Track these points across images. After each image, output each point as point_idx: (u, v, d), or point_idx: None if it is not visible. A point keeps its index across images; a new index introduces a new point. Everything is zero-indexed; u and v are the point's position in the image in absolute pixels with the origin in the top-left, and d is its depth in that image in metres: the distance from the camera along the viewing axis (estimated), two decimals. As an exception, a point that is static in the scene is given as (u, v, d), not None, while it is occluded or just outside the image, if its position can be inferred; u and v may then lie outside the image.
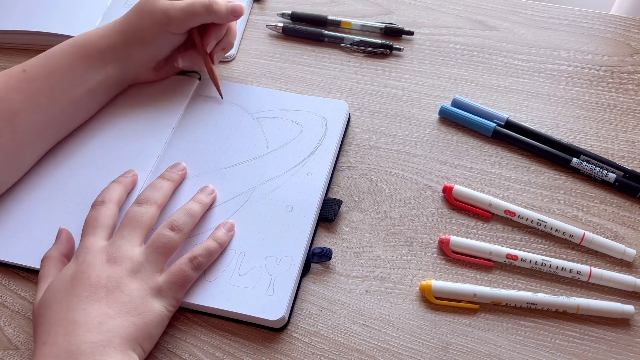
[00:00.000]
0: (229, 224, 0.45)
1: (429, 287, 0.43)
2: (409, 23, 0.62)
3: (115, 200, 0.45)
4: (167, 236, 0.42)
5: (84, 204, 0.47)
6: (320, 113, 0.53)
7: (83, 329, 0.37)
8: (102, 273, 0.39)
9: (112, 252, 0.41)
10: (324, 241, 0.47)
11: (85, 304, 0.38)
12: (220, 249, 0.44)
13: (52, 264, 0.43)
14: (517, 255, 0.45)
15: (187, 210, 0.44)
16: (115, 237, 0.42)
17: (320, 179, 0.48)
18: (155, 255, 0.41)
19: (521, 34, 0.61)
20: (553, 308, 0.43)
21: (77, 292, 0.38)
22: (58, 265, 0.43)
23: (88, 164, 0.50)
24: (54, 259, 0.43)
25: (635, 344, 0.42)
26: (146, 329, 0.39)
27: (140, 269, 0.40)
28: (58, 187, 0.49)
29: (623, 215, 0.48)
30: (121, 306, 0.38)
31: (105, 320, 0.37)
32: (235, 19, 0.51)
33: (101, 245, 0.41)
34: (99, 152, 0.51)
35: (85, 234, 0.43)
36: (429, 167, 0.51)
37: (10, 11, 0.63)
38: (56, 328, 0.37)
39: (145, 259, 0.41)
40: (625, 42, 0.60)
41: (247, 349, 0.42)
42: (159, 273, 0.41)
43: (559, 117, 0.54)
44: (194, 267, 0.42)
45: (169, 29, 0.50)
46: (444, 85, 0.57)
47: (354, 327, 0.43)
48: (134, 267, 0.40)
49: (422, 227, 0.47)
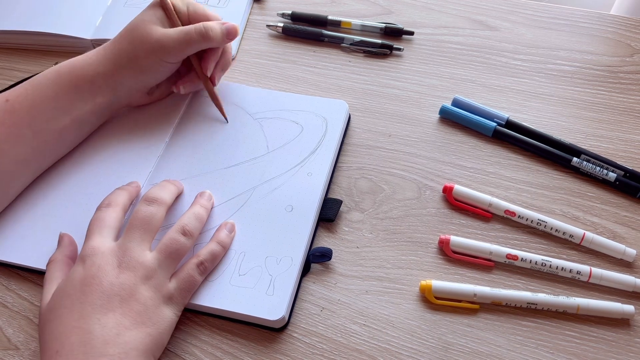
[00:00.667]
0: (229, 225, 0.45)
1: (429, 287, 0.43)
2: (409, 23, 0.62)
3: (121, 205, 0.44)
4: (180, 242, 0.41)
5: (85, 203, 0.48)
6: (320, 113, 0.53)
7: (100, 340, 0.36)
8: (115, 280, 0.38)
9: (123, 256, 0.40)
10: (324, 241, 0.47)
11: (99, 314, 0.37)
12: (223, 251, 0.44)
13: (58, 266, 0.42)
14: (517, 255, 0.45)
15: (195, 214, 0.44)
16: (124, 238, 0.41)
17: (320, 179, 0.48)
18: (168, 262, 0.41)
19: (521, 34, 0.61)
20: (553, 308, 0.43)
21: (89, 299, 0.38)
22: (64, 267, 0.42)
23: (88, 164, 0.50)
24: (60, 262, 0.42)
25: (635, 344, 0.41)
26: (159, 339, 0.39)
27: (153, 275, 0.40)
28: (60, 187, 0.49)
29: (623, 215, 0.48)
30: (136, 316, 0.38)
31: (122, 332, 0.37)
32: (230, 41, 0.50)
33: (110, 247, 0.40)
34: (100, 152, 0.51)
35: (91, 234, 0.42)
36: (429, 167, 0.51)
37: (10, 11, 0.63)
38: (70, 337, 0.36)
39: (158, 265, 0.40)
40: (625, 42, 0.60)
41: (247, 349, 0.42)
42: (169, 279, 0.41)
43: (559, 117, 0.54)
44: (201, 272, 0.42)
45: (165, 59, 0.48)
46: (444, 85, 0.57)
47: (354, 327, 0.43)
48: (147, 273, 0.39)
49: (422, 227, 0.47)
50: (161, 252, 0.41)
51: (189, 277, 0.41)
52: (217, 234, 0.44)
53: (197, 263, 0.42)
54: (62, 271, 0.42)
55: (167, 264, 0.41)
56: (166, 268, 0.40)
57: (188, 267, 0.42)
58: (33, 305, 0.45)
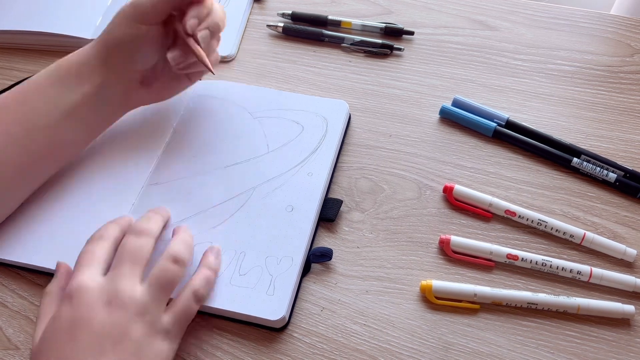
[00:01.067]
0: (216, 250, 0.44)
1: (430, 287, 0.43)
2: (409, 23, 0.62)
3: (112, 238, 0.41)
4: (172, 271, 0.39)
5: (84, 202, 0.48)
6: (320, 113, 0.52)
7: None
8: (106, 319, 0.36)
9: (112, 292, 0.37)
10: (325, 241, 0.47)
11: (91, 358, 0.34)
12: (215, 276, 0.42)
13: (52, 299, 0.39)
14: (517, 255, 0.45)
15: (183, 240, 0.42)
16: (113, 273, 0.38)
17: (320, 178, 0.48)
18: (161, 293, 0.38)
19: (521, 34, 0.61)
20: (553, 308, 0.43)
21: (80, 343, 0.35)
22: (58, 301, 0.39)
23: (88, 164, 0.50)
24: (54, 295, 0.39)
25: (635, 344, 0.41)
26: None
27: (146, 310, 0.37)
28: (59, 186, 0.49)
29: (624, 215, 0.48)
30: (131, 357, 0.35)
31: None
32: None
33: (99, 282, 0.37)
34: (101, 152, 0.51)
35: (79, 267, 0.38)
36: (430, 167, 0.51)
37: (10, 11, 0.63)
38: None
39: (151, 299, 0.37)
40: (625, 42, 0.60)
41: (247, 349, 0.42)
42: (164, 311, 0.38)
43: (559, 117, 0.54)
44: (197, 301, 0.40)
45: (140, 20, 0.45)
46: (444, 85, 0.57)
47: (354, 327, 0.42)
48: (139, 309, 0.37)
49: (423, 227, 0.47)
50: (153, 284, 0.38)
51: (185, 309, 0.39)
52: (205, 260, 0.43)
53: (194, 292, 0.40)
54: (57, 305, 0.39)
55: (160, 296, 0.38)
56: (159, 300, 0.38)
57: (183, 297, 0.39)
58: (33, 305, 0.44)
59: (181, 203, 0.47)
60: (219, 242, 0.45)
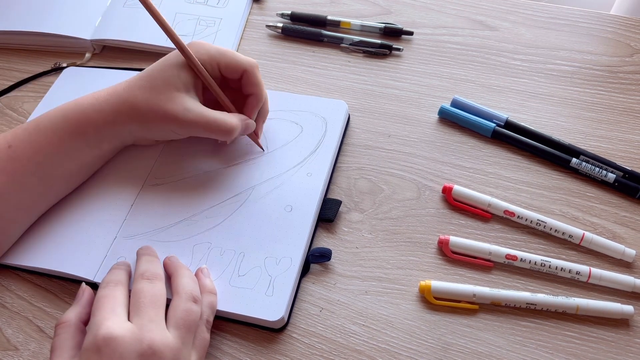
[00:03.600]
0: (205, 271, 0.43)
1: (429, 287, 0.43)
2: (409, 23, 0.62)
3: (124, 283, 0.40)
4: (195, 312, 0.39)
5: (86, 204, 0.48)
6: (319, 113, 0.53)
7: None
8: None
9: (146, 341, 0.35)
10: (324, 241, 0.47)
11: None
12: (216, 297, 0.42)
13: (69, 333, 0.38)
14: (516, 255, 0.45)
15: (191, 278, 0.42)
16: (140, 319, 0.37)
17: (319, 179, 0.48)
18: (189, 335, 0.38)
19: (521, 34, 0.61)
20: (552, 308, 0.43)
21: None
22: (76, 335, 0.38)
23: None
24: (73, 327, 0.38)
25: (634, 344, 0.41)
26: None
27: (180, 355, 0.36)
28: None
29: (622, 215, 0.48)
30: None
31: None
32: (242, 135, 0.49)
33: (128, 330, 0.35)
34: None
35: (102, 312, 0.37)
36: (429, 167, 0.51)
37: (10, 11, 0.63)
38: None
39: (182, 343, 0.37)
40: (625, 42, 0.60)
41: (246, 349, 0.42)
42: None
43: (558, 117, 0.54)
44: (208, 330, 0.40)
45: (176, 131, 0.46)
46: (443, 85, 0.57)
47: (353, 327, 0.43)
48: (175, 355, 0.36)
49: (422, 227, 0.47)
50: (180, 327, 0.37)
51: (204, 342, 0.39)
52: (204, 284, 0.42)
53: (206, 323, 0.40)
54: (74, 340, 0.37)
55: (188, 337, 0.38)
56: (188, 342, 0.38)
57: (200, 331, 0.39)
58: (32, 306, 0.45)
59: (181, 203, 0.47)
60: (217, 242, 0.45)
